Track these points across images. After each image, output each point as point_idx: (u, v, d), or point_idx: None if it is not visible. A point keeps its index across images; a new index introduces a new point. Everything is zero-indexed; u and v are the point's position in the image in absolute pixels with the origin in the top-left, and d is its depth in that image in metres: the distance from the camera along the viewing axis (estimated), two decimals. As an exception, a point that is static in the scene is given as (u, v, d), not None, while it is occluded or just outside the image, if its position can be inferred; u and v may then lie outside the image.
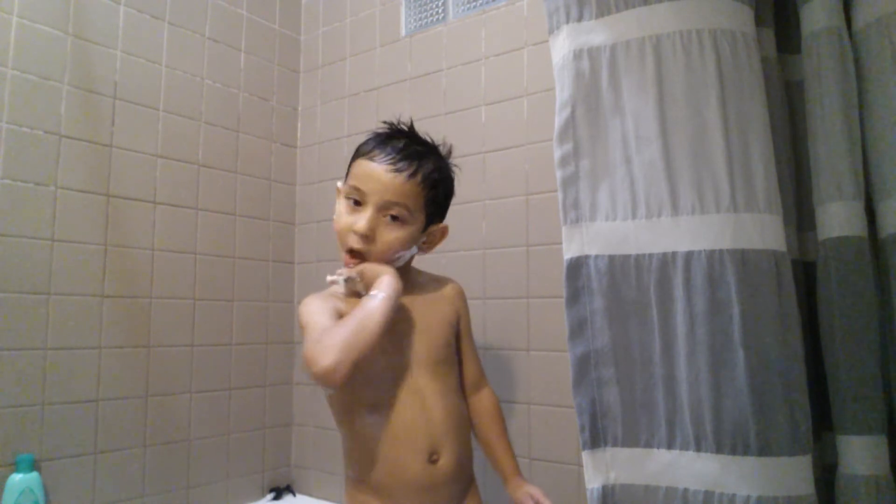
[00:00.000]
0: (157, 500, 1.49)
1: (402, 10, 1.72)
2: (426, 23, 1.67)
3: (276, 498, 1.73)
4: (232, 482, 1.66)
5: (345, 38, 1.85)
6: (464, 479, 1.07)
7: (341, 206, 1.05)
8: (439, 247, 1.13)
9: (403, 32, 1.71)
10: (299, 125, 1.92)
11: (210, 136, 1.67)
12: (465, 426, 1.08)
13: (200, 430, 1.59)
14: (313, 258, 1.84)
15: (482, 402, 1.14)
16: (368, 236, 1.00)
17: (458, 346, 1.13)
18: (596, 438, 0.96)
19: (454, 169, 1.11)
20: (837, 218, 0.91)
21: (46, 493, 1.28)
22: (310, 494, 1.76)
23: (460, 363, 1.13)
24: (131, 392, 1.46)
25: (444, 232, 1.10)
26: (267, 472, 1.75)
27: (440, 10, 1.65)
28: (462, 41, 1.59)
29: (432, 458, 1.01)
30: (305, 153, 1.90)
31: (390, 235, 1.01)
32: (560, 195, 1.00)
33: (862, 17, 0.94)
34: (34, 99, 1.34)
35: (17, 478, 1.23)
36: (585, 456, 0.96)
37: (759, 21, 0.98)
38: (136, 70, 1.52)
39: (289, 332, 1.84)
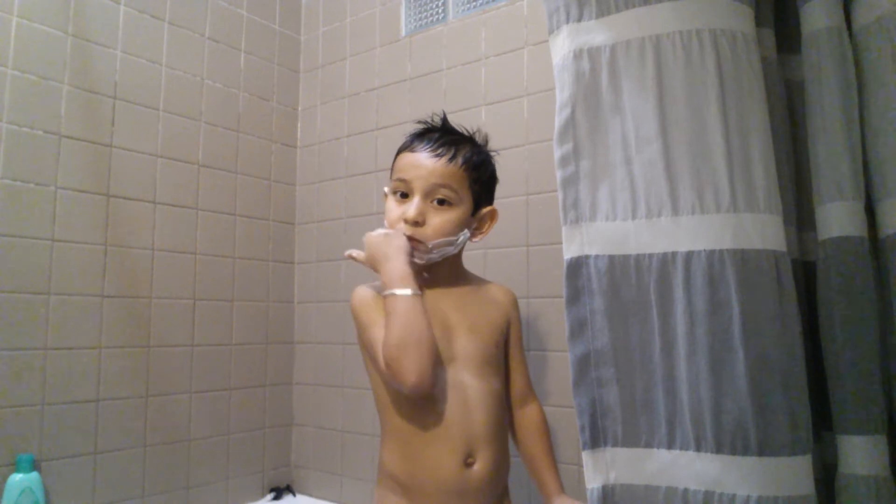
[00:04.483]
0: (157, 500, 1.49)
1: (402, 10, 1.72)
2: (426, 23, 1.67)
3: (276, 498, 1.73)
4: (232, 482, 1.66)
5: (345, 38, 1.85)
6: (499, 488, 1.04)
7: (390, 202, 1.07)
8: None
9: (403, 32, 1.71)
10: (299, 125, 1.92)
11: (210, 136, 1.67)
12: (504, 434, 1.06)
13: (200, 430, 1.59)
14: (313, 258, 1.84)
15: (529, 415, 1.11)
16: (419, 222, 1.02)
17: (506, 355, 1.11)
18: (596, 438, 0.96)
19: (493, 155, 1.13)
20: (837, 218, 0.91)
21: (46, 493, 1.28)
22: (310, 494, 1.76)
23: (508, 372, 1.11)
24: (131, 392, 1.46)
25: (493, 215, 1.11)
26: (267, 472, 1.75)
27: (440, 10, 1.65)
28: (462, 41, 1.59)
29: (468, 461, 0.99)
30: (305, 153, 1.90)
31: (440, 218, 1.03)
32: (560, 195, 1.00)
33: (862, 17, 0.94)
34: (34, 99, 1.34)
35: (17, 478, 1.23)
36: (585, 456, 0.96)
37: (759, 21, 0.98)
38: (136, 70, 1.52)
39: (289, 332, 1.84)
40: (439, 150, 1.04)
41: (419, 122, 1.13)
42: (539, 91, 1.44)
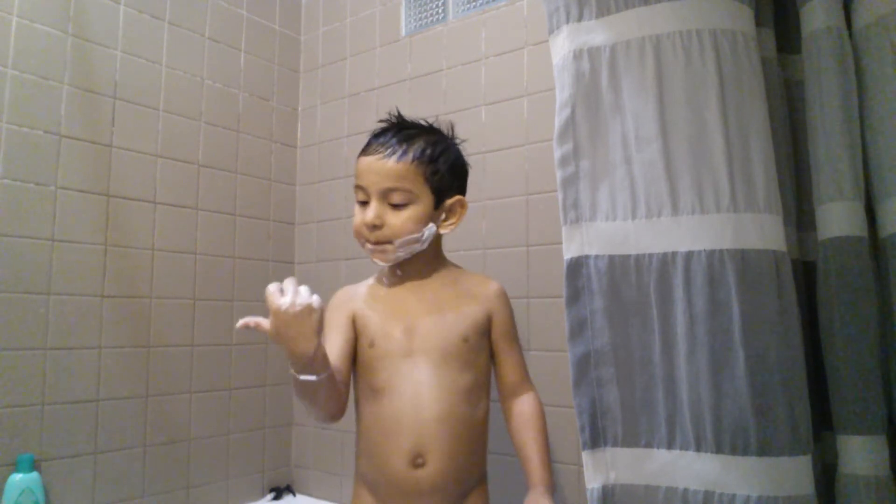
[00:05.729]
0: (157, 500, 1.49)
1: (402, 10, 1.72)
2: (426, 23, 1.67)
3: (276, 498, 1.73)
4: (232, 482, 1.66)
5: (345, 38, 1.85)
6: (457, 492, 1.01)
7: (356, 208, 1.08)
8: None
9: (403, 32, 1.71)
10: (299, 125, 1.92)
11: (210, 136, 1.67)
12: (464, 433, 1.01)
13: (200, 430, 1.59)
14: (313, 258, 1.84)
15: (519, 406, 1.08)
16: (377, 225, 1.03)
17: (493, 350, 1.09)
18: (596, 438, 0.96)
19: (458, 142, 1.13)
20: (837, 218, 0.91)
21: (46, 493, 1.28)
22: (310, 494, 1.76)
23: (497, 366, 1.10)
24: (131, 392, 1.46)
25: (461, 203, 1.10)
26: (267, 472, 1.75)
27: (440, 10, 1.65)
28: (462, 41, 1.59)
29: (416, 462, 0.97)
30: (305, 153, 1.90)
31: (398, 219, 1.03)
32: (560, 195, 1.00)
33: (862, 17, 0.94)
34: (34, 99, 1.34)
35: (17, 478, 1.23)
36: (585, 456, 0.96)
37: (759, 21, 0.98)
38: (136, 70, 1.52)
39: (289, 332, 1.84)
40: (388, 151, 1.04)
41: (380, 121, 1.13)
42: (539, 91, 1.44)
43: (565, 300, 0.99)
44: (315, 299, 0.86)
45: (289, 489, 1.76)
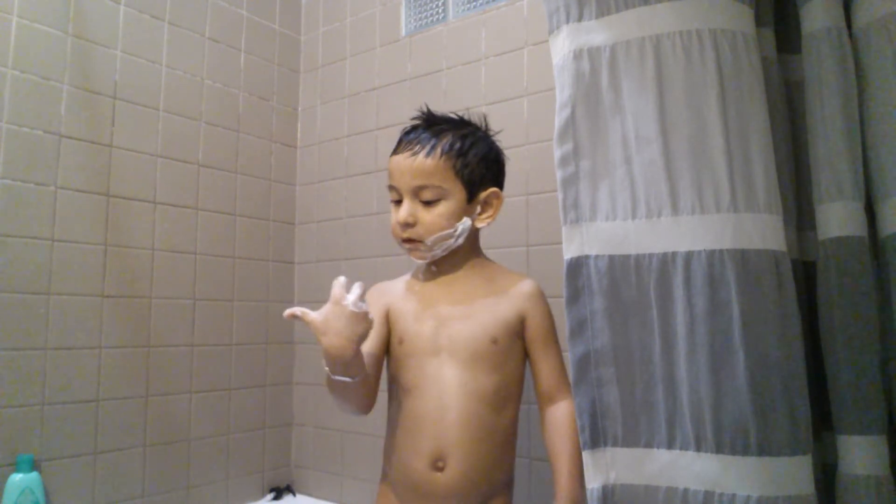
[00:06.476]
0: (157, 500, 1.49)
1: (402, 10, 1.72)
2: (426, 23, 1.67)
3: (276, 498, 1.73)
4: (232, 482, 1.66)
5: (345, 38, 1.85)
6: (477, 497, 1.00)
7: (391, 208, 1.08)
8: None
9: (403, 32, 1.71)
10: (299, 125, 1.92)
11: (210, 136, 1.67)
12: (487, 438, 1.00)
13: (200, 430, 1.59)
14: (313, 258, 1.84)
15: (552, 413, 1.04)
16: (410, 223, 1.03)
17: (528, 352, 1.07)
18: (596, 438, 0.95)
19: (492, 133, 1.12)
20: (837, 218, 0.91)
21: (46, 493, 1.28)
22: (310, 494, 1.76)
23: (533, 369, 1.07)
24: (131, 392, 1.46)
25: (496, 195, 1.08)
26: (267, 472, 1.75)
27: (440, 10, 1.65)
28: (462, 41, 1.59)
29: (437, 465, 0.97)
30: (305, 153, 1.90)
31: (431, 216, 1.03)
32: (560, 195, 1.00)
33: (862, 17, 0.93)
34: (34, 99, 1.34)
35: (17, 478, 1.23)
36: (585, 456, 0.96)
37: (759, 21, 0.98)
38: (136, 70, 1.52)
39: (289, 332, 1.84)
40: (415, 148, 1.03)
41: (413, 118, 1.12)
42: (539, 91, 1.44)
43: (565, 300, 0.98)
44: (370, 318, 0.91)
45: (289, 489, 1.77)
